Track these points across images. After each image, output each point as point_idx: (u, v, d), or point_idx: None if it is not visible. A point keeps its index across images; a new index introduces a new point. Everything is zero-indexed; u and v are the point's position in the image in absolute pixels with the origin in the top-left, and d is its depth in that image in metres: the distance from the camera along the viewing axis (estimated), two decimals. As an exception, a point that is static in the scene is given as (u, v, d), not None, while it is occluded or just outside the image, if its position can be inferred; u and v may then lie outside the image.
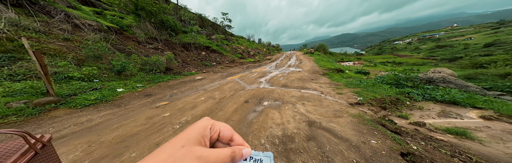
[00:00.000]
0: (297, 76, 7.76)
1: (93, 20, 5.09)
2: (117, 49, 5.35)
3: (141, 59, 5.57)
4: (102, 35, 5.06)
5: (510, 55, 15.35)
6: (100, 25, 5.13)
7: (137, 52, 6.05)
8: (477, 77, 7.89)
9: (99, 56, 4.29)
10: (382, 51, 68.79)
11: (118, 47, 5.47)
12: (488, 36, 45.32)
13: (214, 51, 11.97)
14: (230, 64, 11.20)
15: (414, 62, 32.46)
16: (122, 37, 6.10)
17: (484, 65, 15.02)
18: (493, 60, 14.97)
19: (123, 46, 5.74)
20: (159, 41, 7.73)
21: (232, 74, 8.51)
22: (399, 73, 5.65)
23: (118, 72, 4.55)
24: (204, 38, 12.52)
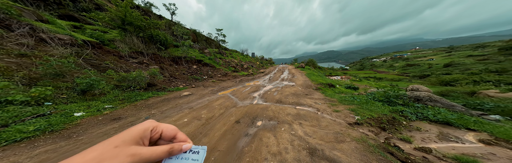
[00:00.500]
0: (291, 91, 7.29)
1: (66, 34, 4.57)
2: (90, 65, 4.67)
3: (118, 75, 4.86)
4: (74, 49, 4.45)
5: (465, 75, 17.83)
6: (74, 39, 4.59)
7: (115, 67, 5.37)
8: (449, 94, 8.37)
9: (61, 73, 3.57)
10: (363, 67, 76.80)
11: (93, 63, 4.80)
12: (445, 58, 54.29)
13: (206, 64, 11.58)
14: (222, 78, 10.67)
15: (391, 78, 35.71)
16: (101, 51, 5.51)
17: (450, 83, 17.14)
18: (454, 78, 17.34)
19: (99, 61, 5.09)
20: (145, 55, 7.21)
21: (224, 89, 7.86)
22: (389, 91, 5.61)
23: (83, 92, 3.75)
24: (197, 52, 12.29)
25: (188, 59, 10.22)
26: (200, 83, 8.80)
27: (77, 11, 7.04)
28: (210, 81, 9.43)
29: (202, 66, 11.27)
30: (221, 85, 8.87)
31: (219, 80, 10.11)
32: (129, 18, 6.49)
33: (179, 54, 9.61)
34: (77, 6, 7.17)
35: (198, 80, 9.24)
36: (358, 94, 6.98)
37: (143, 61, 7.00)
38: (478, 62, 39.32)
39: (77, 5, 7.19)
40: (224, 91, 7.27)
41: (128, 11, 6.29)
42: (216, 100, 5.72)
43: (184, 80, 8.44)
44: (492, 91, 7.63)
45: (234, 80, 10.58)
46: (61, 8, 6.43)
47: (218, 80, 9.98)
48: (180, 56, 9.61)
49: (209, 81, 9.53)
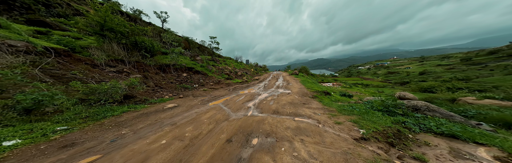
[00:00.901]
0: (288, 100, 6.71)
1: (21, 40, 3.81)
2: (50, 76, 3.83)
3: (86, 86, 4.03)
4: (30, 58, 3.66)
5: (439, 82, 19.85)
6: (32, 46, 3.83)
7: (85, 78, 4.54)
8: (433, 101, 8.49)
9: (-2, 87, 2.74)
10: (351, 74, 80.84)
11: (54, 73, 3.97)
12: (419, 67, 59.57)
13: (198, 72, 10.87)
14: (215, 86, 9.92)
15: (377, 84, 37.57)
16: (70, 60, 4.71)
17: (428, 89, 18.38)
18: (431, 85, 18.77)
19: (64, 71, 4.26)
20: (126, 63, 6.44)
21: (215, 98, 7.09)
22: (387, 100, 5.34)
23: (27, 111, 2.88)
24: (188, 59, 11.65)
25: (178, 66, 9.50)
26: (189, 92, 7.98)
27: (51, 16, 6.34)
28: (201, 90, 8.64)
29: (193, 74, 10.54)
30: (213, 94, 8.11)
31: (211, 88, 9.35)
32: (110, 24, 5.87)
33: (167, 62, 8.90)
34: (51, 11, 6.49)
35: (187, 89, 8.43)
36: (355, 103, 6.55)
37: (123, 70, 6.19)
38: (446, 70, 43.56)
39: (52, 10, 6.52)
40: (215, 101, 6.52)
41: (109, 16, 5.71)
42: (206, 113, 4.96)
43: (171, 90, 7.60)
44: (470, 98, 7.81)
45: (228, 88, 9.87)
46: (31, 13, 5.72)
47: (210, 89, 9.21)
48: (168, 64, 8.90)
49: (200, 90, 8.74)
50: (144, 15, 14.00)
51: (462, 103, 7.49)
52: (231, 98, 7.26)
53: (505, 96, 7.30)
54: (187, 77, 9.68)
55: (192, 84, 9.28)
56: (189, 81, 9.39)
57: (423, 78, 40.37)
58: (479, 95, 8.19)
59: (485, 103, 6.75)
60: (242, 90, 9.46)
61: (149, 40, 7.64)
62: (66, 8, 7.21)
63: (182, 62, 10.22)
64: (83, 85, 4.04)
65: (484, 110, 5.65)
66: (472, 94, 9.18)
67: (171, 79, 8.49)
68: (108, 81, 4.84)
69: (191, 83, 9.31)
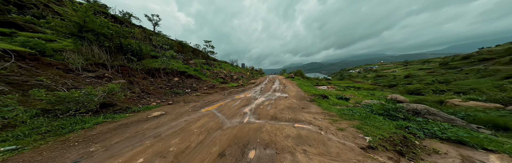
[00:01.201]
0: (286, 104, 6.27)
1: (-29, 40, 3.21)
2: (6, 83, 3.19)
3: (51, 95, 3.40)
4: (-20, 61, 3.04)
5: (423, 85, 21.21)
6: (-14, 47, 3.23)
7: (54, 85, 3.90)
8: (423, 103, 8.63)
9: None
10: (343, 77, 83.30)
11: (12, 79, 3.33)
12: (404, 70, 63.14)
13: (191, 76, 10.29)
14: (209, 90, 9.34)
15: (367, 87, 38.89)
16: (37, 64, 4.08)
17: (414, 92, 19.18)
18: (417, 88, 19.76)
19: (27, 77, 3.62)
20: (109, 67, 5.82)
21: (209, 104, 6.51)
22: (387, 103, 5.12)
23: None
24: (180, 63, 11.10)
25: (169, 70, 8.91)
26: (180, 98, 7.35)
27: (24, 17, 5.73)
28: (193, 95, 8.03)
29: (185, 78, 9.95)
30: (206, 99, 7.52)
31: (205, 93, 8.76)
32: (90, 25, 5.33)
33: (157, 66, 8.31)
34: (25, 12, 5.88)
35: (179, 94, 7.80)
36: (354, 106, 6.25)
37: (104, 75, 5.56)
38: (428, 74, 46.23)
39: (26, 11, 5.91)
40: (209, 107, 5.95)
41: (89, 17, 5.20)
42: (197, 121, 4.39)
43: (160, 96, 6.96)
44: (456, 100, 7.95)
45: (222, 93, 9.31)
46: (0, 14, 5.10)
47: (204, 94, 8.62)
48: (158, 68, 8.30)
49: (193, 95, 8.13)
50: (135, 19, 13.54)
51: (449, 105, 7.64)
52: (225, 103, 6.71)
53: (487, 98, 7.58)
54: (179, 82, 9.06)
55: (184, 89, 8.66)
56: (181, 86, 8.77)
57: (408, 81, 42.39)
58: (464, 97, 8.37)
59: (470, 104, 6.93)
60: (237, 94, 8.93)
61: (137, 43, 7.10)
62: (44, 10, 6.62)
63: (173, 66, 9.65)
64: (48, 93, 3.40)
65: (471, 111, 5.68)
66: (457, 96, 9.37)
67: (161, 84, 7.86)
68: (82, 88, 4.21)
69: (183, 88, 8.69)
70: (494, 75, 28.99)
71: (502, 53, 41.76)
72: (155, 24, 13.95)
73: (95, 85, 5.00)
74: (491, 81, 25.50)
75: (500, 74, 28.33)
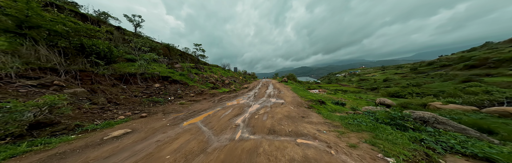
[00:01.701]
0: (284, 112, 5.42)
1: None
2: None
3: None
4: None
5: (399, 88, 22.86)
6: None
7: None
8: (408, 106, 8.94)
9: None
10: (331, 81, 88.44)
11: None
12: (382, 75, 69.38)
13: (176, 81, 9.07)
14: (196, 97, 8.17)
15: (353, 90, 41.15)
16: None
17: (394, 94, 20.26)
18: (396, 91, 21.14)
19: None
20: (61, 73, 4.52)
21: (194, 114, 5.38)
22: (391, 111, 4.62)
23: None
24: (164, 67, 9.86)
25: (148, 76, 7.66)
26: (160, 108, 6.11)
27: None
28: (177, 104, 6.82)
29: (169, 84, 8.70)
30: (192, 108, 6.36)
31: (191, 101, 7.58)
32: (36, 20, 4.14)
33: (133, 70, 7.06)
34: None
35: (158, 103, 6.55)
36: (355, 113, 5.64)
37: (52, 83, 4.25)
38: (402, 78, 51.42)
39: None
40: (193, 119, 4.85)
41: (33, 9, 4.03)
42: (174, 140, 3.31)
43: (133, 106, 5.67)
44: (437, 103, 8.14)
45: (212, 100, 8.19)
46: None
47: (190, 101, 7.44)
48: (134, 73, 7.04)
49: (176, 103, 6.92)
50: (114, 19, 12.20)
51: (432, 108, 7.81)
52: (215, 112, 5.64)
53: (463, 101, 7.95)
54: (160, 88, 7.80)
55: (166, 96, 7.41)
56: (163, 93, 7.51)
57: (387, 84, 46.27)
58: (444, 101, 8.61)
59: (450, 107, 7.14)
60: (229, 101, 7.89)
61: (106, 44, 5.90)
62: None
63: (155, 70, 8.41)
64: None
65: (454, 114, 5.72)
66: (437, 99, 9.68)
67: (136, 92, 6.57)
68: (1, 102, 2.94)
69: (165, 96, 7.44)
70: (453, 79, 33.25)
71: (456, 61, 49.00)
72: (137, 25, 12.70)
73: (34, 96, 3.69)
74: (452, 84, 28.92)
75: (458, 78, 32.59)
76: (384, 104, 12.00)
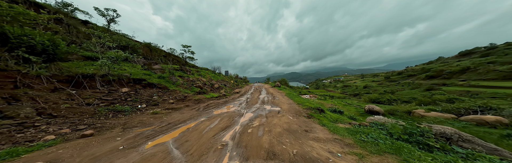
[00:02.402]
0: (282, 124, 4.36)
1: None
2: None
3: None
4: None
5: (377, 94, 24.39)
6: None
7: None
8: (394, 113, 9.29)
9: None
10: (318, 87, 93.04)
11: None
12: (362, 82, 76.11)
13: (152, 85, 7.50)
14: (176, 104, 6.68)
15: (338, 95, 43.03)
16: None
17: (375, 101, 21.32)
18: (377, 97, 22.37)
19: None
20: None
21: (168, 128, 3.98)
22: (407, 125, 3.87)
23: None
24: (138, 68, 8.24)
25: (113, 78, 6.06)
26: (121, 120, 4.55)
27: None
28: (148, 113, 5.30)
29: (142, 88, 7.10)
30: (168, 119, 4.92)
31: (169, 109, 6.09)
32: None
33: (92, 71, 5.45)
34: None
35: (122, 113, 4.97)
36: (360, 125, 4.86)
37: None
38: (378, 85, 57.05)
39: None
40: (164, 136, 3.50)
41: None
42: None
43: (81, 118, 4.06)
44: (421, 110, 8.51)
45: (196, 107, 6.78)
46: None
47: (167, 110, 5.95)
48: (92, 74, 5.43)
49: (148, 112, 5.39)
50: (84, 13, 10.40)
51: (417, 115, 8.09)
52: (196, 125, 4.32)
53: (442, 108, 8.34)
54: (129, 94, 6.20)
55: (136, 103, 5.83)
56: (132, 100, 5.92)
57: (367, 90, 50.62)
58: (426, 108, 8.91)
59: (433, 115, 7.42)
60: (218, 109, 6.58)
61: (47, 35, 4.35)
62: None
63: (125, 71, 6.82)
64: None
65: (438, 123, 5.79)
66: (420, 107, 10.30)
67: (91, 98, 4.93)
68: None
69: (135, 103, 5.86)
70: (419, 87, 38.20)
71: (419, 71, 56.73)
72: (111, 20, 11.00)
73: None
74: (419, 92, 32.84)
75: (423, 86, 37.54)
76: (373, 111, 11.70)
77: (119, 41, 11.50)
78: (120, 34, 12.57)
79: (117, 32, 12.81)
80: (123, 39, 11.70)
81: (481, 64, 40.91)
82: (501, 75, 33.72)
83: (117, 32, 12.78)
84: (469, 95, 24.92)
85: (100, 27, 10.50)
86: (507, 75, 32.56)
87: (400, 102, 22.37)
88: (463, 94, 24.75)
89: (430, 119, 6.99)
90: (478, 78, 36.37)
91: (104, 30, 11.28)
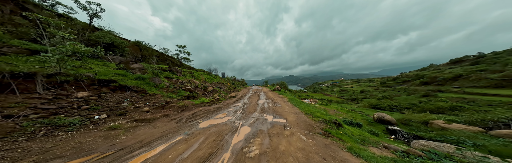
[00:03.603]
0: (296, 152, 2.77)
1: None
2: None
3: None
4: None
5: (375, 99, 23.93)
6: None
7: None
8: (409, 123, 8.24)
9: None
10: (316, 90, 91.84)
11: None
12: (358, 86, 75.59)
13: (125, 88, 5.92)
14: (152, 114, 5.08)
15: (336, 100, 42.61)
16: None
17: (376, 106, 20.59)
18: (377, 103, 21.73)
19: None
20: None
21: (113, 162, 2.39)
22: None
23: None
24: (111, 67, 6.68)
25: (68, 79, 4.47)
26: (47, 142, 2.93)
27: None
28: (103, 128, 3.69)
29: (111, 92, 5.51)
30: (125, 139, 3.32)
31: (138, 121, 4.49)
32: None
33: (27, 69, 3.88)
34: None
35: (62, 129, 3.36)
36: (407, 154, 3.36)
37: None
38: (375, 90, 56.55)
39: None
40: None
41: None
42: None
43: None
44: (440, 121, 7.44)
45: (178, 117, 5.19)
46: None
47: (134, 122, 4.34)
48: (30, 73, 3.86)
49: (103, 127, 3.79)
50: (68, 8, 9.02)
51: (436, 126, 7.09)
52: (163, 151, 2.76)
53: (464, 120, 7.34)
54: (88, 100, 4.60)
55: (93, 113, 4.22)
56: (88, 108, 4.31)
57: (364, 95, 49.51)
58: (445, 119, 7.76)
59: (456, 127, 6.47)
60: (206, 119, 5.01)
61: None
62: None
63: (88, 71, 5.25)
64: None
65: (470, 138, 5.08)
66: (437, 116, 9.05)
67: (19, 107, 3.32)
68: None
69: (92, 112, 4.25)
70: (415, 93, 37.52)
71: (414, 77, 56.65)
72: (94, 15, 9.57)
73: None
74: (416, 98, 32.26)
75: (419, 92, 35.84)
76: (383, 120, 10.29)
77: (103, 38, 10.02)
78: (104, 31, 11.09)
79: (102, 28, 11.35)
80: (107, 36, 10.22)
81: (473, 72, 41.07)
82: (492, 83, 33.69)
83: (101, 28, 11.32)
84: (466, 102, 24.43)
85: (83, 23, 9.03)
86: (498, 83, 32.56)
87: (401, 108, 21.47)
88: (459, 101, 24.16)
89: (455, 132, 5.82)
90: (471, 85, 36.23)
91: (85, 26, 9.82)
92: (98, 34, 9.92)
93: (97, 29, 10.95)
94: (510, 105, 19.86)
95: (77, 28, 8.65)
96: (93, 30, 10.83)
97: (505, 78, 32.23)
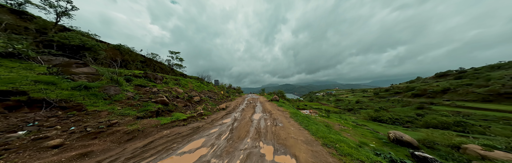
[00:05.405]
0: None
1: None
2: None
3: None
4: None
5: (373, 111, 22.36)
6: None
7: None
8: (434, 147, 6.96)
9: None
10: (312, 99, 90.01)
11: None
12: (353, 97, 74.50)
13: (44, 103, 3.66)
14: (64, 151, 2.72)
15: (333, 110, 40.69)
16: None
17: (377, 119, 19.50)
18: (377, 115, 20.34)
19: None
20: None
21: None
22: None
23: None
24: (41, 71, 4.52)
25: None
26: None
27: None
28: None
29: (13, 109, 3.22)
30: None
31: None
32: None
33: None
34: None
35: None
36: None
37: None
38: (369, 101, 55.41)
39: None
40: None
41: None
42: None
43: None
44: (476, 147, 5.97)
45: (110, 155, 2.83)
46: None
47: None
48: None
49: None
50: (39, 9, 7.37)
51: (472, 153, 5.71)
52: None
53: (507, 146, 6.26)
54: None
55: None
56: None
57: (360, 106, 47.83)
58: (481, 144, 6.59)
59: (501, 157, 5.18)
60: (161, 156, 2.65)
61: None
62: None
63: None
64: None
65: None
66: (468, 140, 7.44)
67: None
68: None
69: None
70: (409, 105, 36.72)
71: (405, 89, 56.84)
72: (62, 13, 7.86)
73: None
74: (411, 110, 30.08)
75: (413, 105, 34.93)
76: (402, 141, 8.03)
77: (70, 39, 8.13)
78: (76, 31, 9.30)
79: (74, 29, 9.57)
80: (76, 37, 8.35)
81: (459, 86, 41.05)
82: (480, 97, 33.57)
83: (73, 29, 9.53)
84: (461, 116, 23.26)
85: (49, 22, 7.25)
86: (485, 97, 32.65)
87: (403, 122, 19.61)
88: (455, 115, 23.02)
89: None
90: (460, 99, 35.94)
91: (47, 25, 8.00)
92: (65, 34, 8.05)
93: (67, 30, 9.18)
94: (505, 120, 19.19)
95: (31, 27, 6.78)
96: (61, 30, 9.03)
97: (491, 93, 32.41)
